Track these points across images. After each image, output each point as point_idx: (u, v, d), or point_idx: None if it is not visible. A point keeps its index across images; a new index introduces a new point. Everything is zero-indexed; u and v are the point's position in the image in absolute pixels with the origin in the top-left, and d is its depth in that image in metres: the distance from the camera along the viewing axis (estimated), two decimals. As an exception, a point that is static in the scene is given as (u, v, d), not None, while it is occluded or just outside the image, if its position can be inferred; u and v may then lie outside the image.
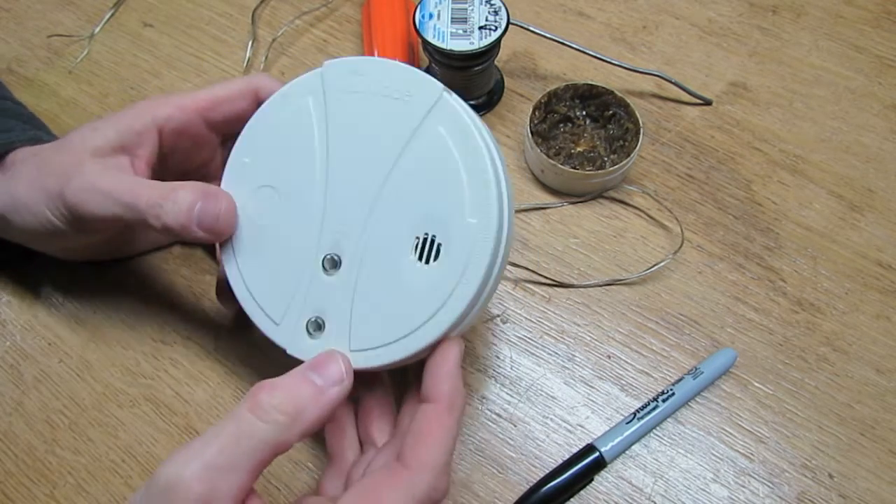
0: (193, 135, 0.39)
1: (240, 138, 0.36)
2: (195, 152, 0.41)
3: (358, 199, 0.33)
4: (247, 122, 0.37)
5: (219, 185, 0.36)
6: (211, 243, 0.36)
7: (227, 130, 0.40)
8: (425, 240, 0.32)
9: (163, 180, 0.41)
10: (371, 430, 0.36)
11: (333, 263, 0.33)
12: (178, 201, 0.34)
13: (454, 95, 0.33)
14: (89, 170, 0.36)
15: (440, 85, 0.32)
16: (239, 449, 0.27)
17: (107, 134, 0.37)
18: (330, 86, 0.34)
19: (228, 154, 0.37)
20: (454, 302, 0.31)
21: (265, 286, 0.35)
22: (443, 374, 0.31)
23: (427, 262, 0.32)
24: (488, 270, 0.31)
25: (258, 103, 0.38)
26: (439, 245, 0.32)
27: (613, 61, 0.51)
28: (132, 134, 0.37)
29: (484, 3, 0.47)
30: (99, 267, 0.47)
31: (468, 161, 0.32)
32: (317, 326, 0.33)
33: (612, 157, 0.49)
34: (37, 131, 0.43)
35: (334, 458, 0.36)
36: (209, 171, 0.43)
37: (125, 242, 0.46)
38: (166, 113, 0.38)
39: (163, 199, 0.34)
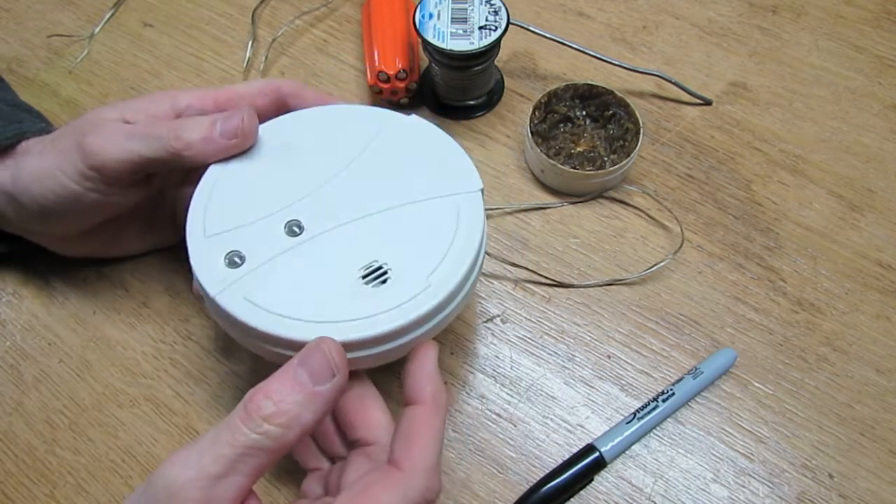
0: None
1: (311, 109, 0.38)
2: None
3: (354, 203, 0.35)
4: (265, 119, 0.39)
5: None
6: (232, 153, 0.36)
7: None
8: (380, 266, 0.33)
9: (173, 174, 0.42)
10: (332, 446, 0.36)
11: (293, 231, 0.34)
12: (199, 121, 0.35)
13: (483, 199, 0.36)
14: (107, 122, 0.37)
15: (481, 184, 0.36)
16: (234, 458, 0.27)
17: (123, 111, 0.37)
18: (401, 126, 0.37)
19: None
20: (353, 327, 0.31)
21: (224, 204, 0.35)
22: (424, 377, 0.32)
23: (367, 283, 0.33)
24: (404, 328, 0.32)
25: (278, 102, 0.40)
26: (387, 279, 0.33)
27: (613, 61, 0.51)
28: (149, 115, 0.37)
29: (484, 3, 0.47)
30: (99, 267, 0.47)
31: (461, 244, 0.34)
32: (233, 262, 0.34)
33: (612, 157, 0.49)
34: (47, 124, 0.44)
35: (308, 468, 0.37)
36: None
37: (128, 237, 0.46)
38: (185, 101, 0.38)
39: (183, 121, 0.35)
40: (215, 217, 0.35)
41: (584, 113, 0.50)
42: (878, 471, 0.40)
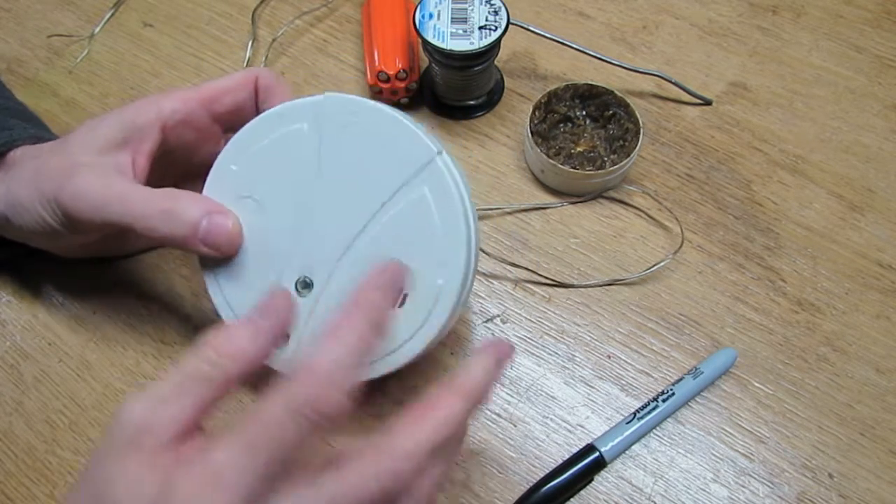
0: (198, 127, 0.39)
1: (229, 144, 0.36)
2: (200, 145, 0.41)
3: (338, 233, 0.34)
4: (247, 112, 0.38)
5: None
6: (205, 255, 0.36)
7: (230, 122, 0.41)
8: None
9: (168, 174, 0.42)
10: None
11: (305, 285, 0.35)
12: (184, 212, 0.35)
13: (445, 157, 0.34)
14: (83, 175, 0.36)
15: (434, 148, 0.33)
16: (181, 385, 0.27)
17: (108, 131, 0.37)
18: (327, 119, 0.34)
19: None
20: (402, 353, 0.32)
21: (239, 294, 0.36)
22: (466, 368, 0.30)
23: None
24: (444, 326, 0.33)
25: (259, 94, 0.39)
26: (405, 295, 0.33)
27: (613, 61, 0.51)
28: (134, 129, 0.37)
29: (484, 3, 0.47)
30: (99, 267, 0.47)
31: (447, 226, 0.33)
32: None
33: (612, 157, 0.49)
34: (38, 130, 0.43)
35: None
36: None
37: (126, 241, 0.46)
38: (171, 106, 0.38)
39: (164, 210, 0.34)
40: (235, 297, 0.36)
41: (584, 113, 0.50)
42: (878, 471, 0.40)
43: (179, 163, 0.41)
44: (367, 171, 0.34)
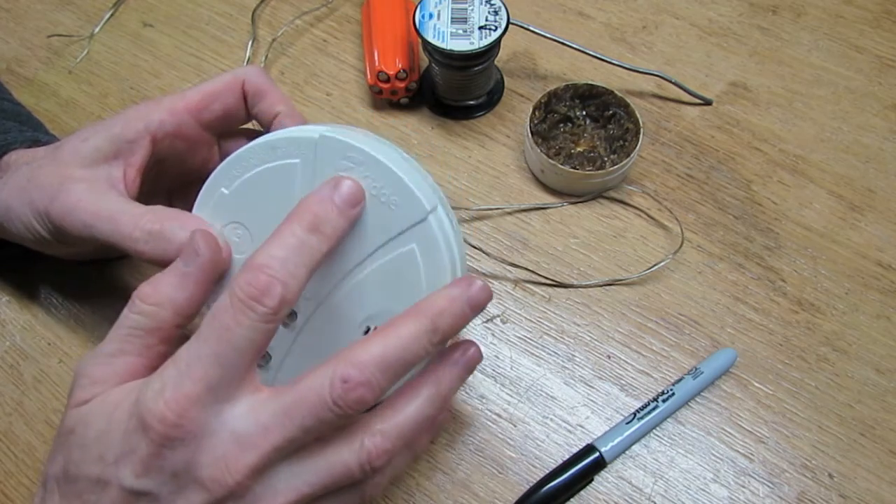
0: (188, 136, 0.39)
1: (220, 167, 0.35)
2: (192, 154, 0.41)
3: (324, 274, 0.34)
4: (237, 116, 0.38)
5: None
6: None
7: (220, 128, 0.41)
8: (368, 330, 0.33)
9: (161, 181, 0.41)
10: None
11: (289, 314, 0.34)
12: (172, 234, 0.34)
13: (439, 212, 0.33)
14: (74, 190, 0.36)
15: (427, 207, 0.32)
16: (122, 338, 0.30)
17: (99, 143, 0.37)
18: (321, 159, 0.33)
19: (223, 154, 0.37)
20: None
21: None
22: (437, 294, 0.30)
23: None
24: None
25: (243, 95, 0.39)
26: None
27: (613, 61, 0.51)
28: (123, 143, 0.37)
29: (484, 3, 0.47)
30: (99, 267, 0.47)
31: (432, 286, 0.32)
32: (266, 358, 0.35)
33: (612, 157, 0.49)
34: (34, 132, 0.43)
35: None
36: (207, 171, 0.43)
37: None
38: (158, 118, 0.37)
39: (151, 232, 0.34)
40: None
41: (584, 113, 0.50)
42: (878, 471, 0.40)
43: (172, 170, 0.41)
44: (359, 219, 0.33)
